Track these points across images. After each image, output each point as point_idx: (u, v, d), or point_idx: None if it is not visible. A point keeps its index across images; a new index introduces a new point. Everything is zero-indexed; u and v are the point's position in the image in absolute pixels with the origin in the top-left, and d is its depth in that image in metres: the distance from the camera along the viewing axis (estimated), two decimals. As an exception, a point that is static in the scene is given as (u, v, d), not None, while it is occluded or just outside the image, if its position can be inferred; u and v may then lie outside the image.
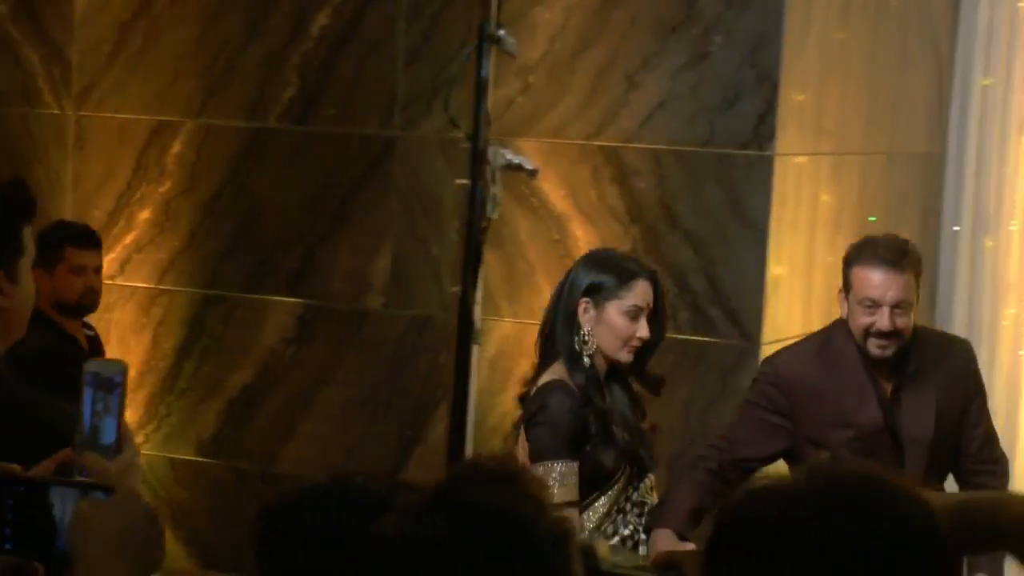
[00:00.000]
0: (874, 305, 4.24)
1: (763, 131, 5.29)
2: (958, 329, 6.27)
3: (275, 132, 5.92)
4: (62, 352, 5.12)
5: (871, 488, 1.57)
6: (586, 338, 4.12)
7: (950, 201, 6.32)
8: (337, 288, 5.86)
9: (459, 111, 4.07)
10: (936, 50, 6.26)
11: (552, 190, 5.53)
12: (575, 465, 4.05)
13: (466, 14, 4.75)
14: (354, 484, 1.97)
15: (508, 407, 5.60)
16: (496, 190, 3.77)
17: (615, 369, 4.20)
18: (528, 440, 4.13)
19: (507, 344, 5.60)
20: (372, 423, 5.79)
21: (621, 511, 4.18)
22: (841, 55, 5.66)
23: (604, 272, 4.15)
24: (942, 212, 6.34)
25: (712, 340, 5.36)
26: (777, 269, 5.36)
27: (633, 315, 4.12)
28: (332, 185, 5.87)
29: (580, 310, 4.13)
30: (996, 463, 4.48)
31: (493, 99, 5.13)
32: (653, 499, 4.25)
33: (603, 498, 4.14)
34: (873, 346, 4.28)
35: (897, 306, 4.23)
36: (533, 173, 4.04)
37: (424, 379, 5.66)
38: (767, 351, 5.32)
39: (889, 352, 4.28)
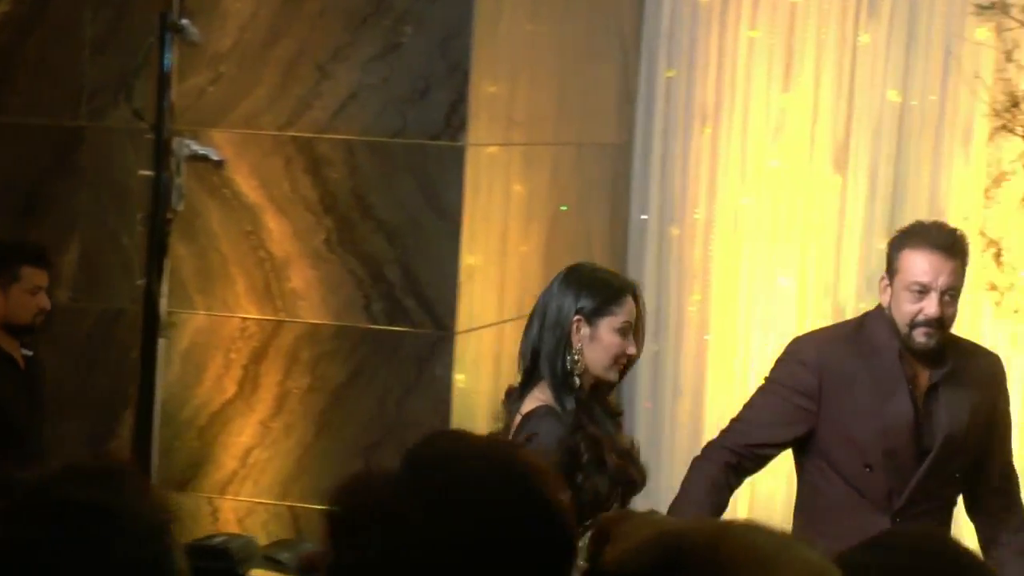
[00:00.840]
0: (923, 290, 4.06)
1: (455, 121, 5.34)
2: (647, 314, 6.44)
3: (-44, 122, 5.73)
4: None
5: (466, 471, 1.60)
6: (577, 358, 3.93)
7: (638, 190, 6.48)
8: (24, 282, 5.70)
9: (145, 101, 4.01)
10: (622, 42, 6.41)
11: (244, 181, 5.49)
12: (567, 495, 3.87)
13: (153, 3, 4.67)
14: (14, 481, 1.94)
15: (202, 400, 5.55)
16: (181, 181, 3.73)
17: (593, 388, 4.04)
18: None
19: (200, 337, 5.54)
20: (63, 419, 5.65)
21: None
22: (531, 46, 5.76)
23: (594, 289, 3.97)
24: (630, 201, 6.49)
25: (407, 330, 5.39)
26: (471, 258, 5.42)
27: (624, 332, 3.95)
28: (18, 177, 5.71)
29: (574, 329, 3.93)
30: (1011, 499, 4.32)
31: (184, 89, 5.07)
32: None
33: None
34: (919, 334, 4.09)
35: (946, 292, 4.07)
36: (219, 164, 4.01)
37: (115, 373, 5.56)
38: (462, 340, 5.38)
39: (933, 341, 4.10)
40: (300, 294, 5.47)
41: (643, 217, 6.46)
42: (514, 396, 4.02)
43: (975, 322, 6.08)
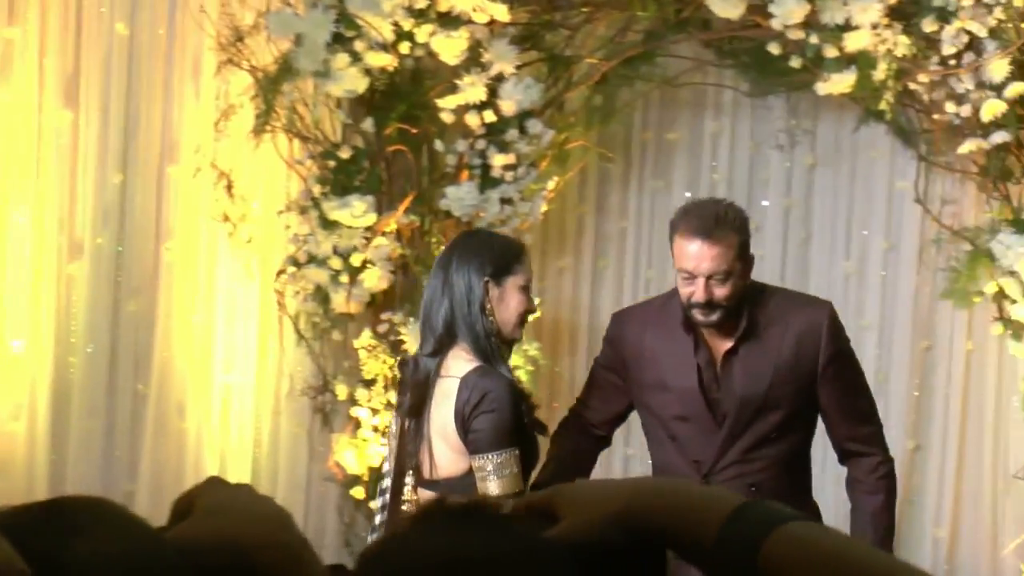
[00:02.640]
0: (690, 276, 4.11)
1: None
2: None
3: None
4: None
5: None
6: (491, 319, 4.02)
7: None
8: None
9: None
10: None
11: None
12: (517, 453, 3.95)
13: None
14: None
15: None
16: None
17: None
18: (469, 431, 3.95)
19: None
20: None
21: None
22: None
23: (497, 250, 4.08)
24: None
25: None
26: None
27: (526, 289, 4.08)
28: None
29: (487, 291, 4.01)
30: (866, 444, 4.31)
31: None
32: None
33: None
34: (696, 314, 4.16)
35: (711, 277, 4.09)
36: None
37: None
38: None
39: (713, 319, 4.15)
40: None
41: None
42: (418, 366, 4.06)
43: (211, 254, 6.22)
